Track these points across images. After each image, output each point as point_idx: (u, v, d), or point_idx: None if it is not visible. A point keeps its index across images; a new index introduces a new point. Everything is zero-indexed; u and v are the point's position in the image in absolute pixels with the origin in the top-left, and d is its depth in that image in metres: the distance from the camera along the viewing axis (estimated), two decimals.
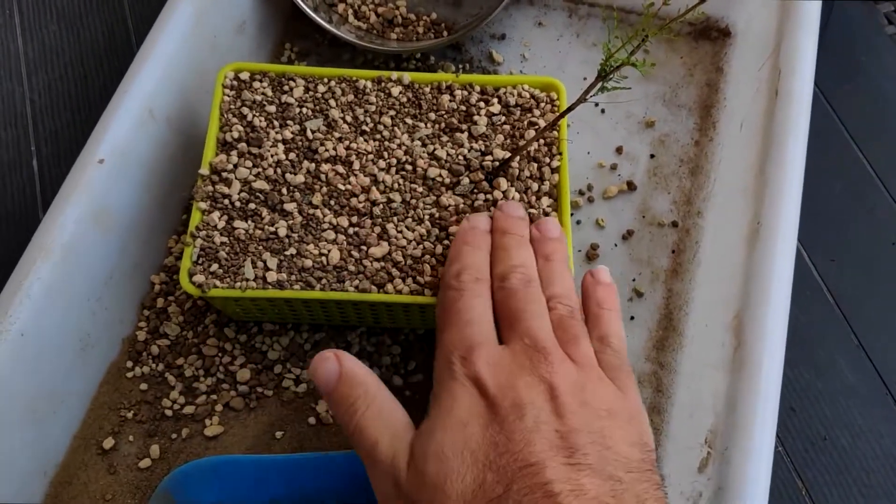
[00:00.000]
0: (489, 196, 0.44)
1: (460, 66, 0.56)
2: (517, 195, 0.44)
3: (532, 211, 0.44)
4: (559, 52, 0.56)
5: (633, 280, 0.49)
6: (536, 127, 0.46)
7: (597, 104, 0.54)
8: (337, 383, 0.35)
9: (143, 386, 0.46)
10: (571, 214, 0.51)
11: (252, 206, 0.43)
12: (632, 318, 0.48)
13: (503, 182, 0.44)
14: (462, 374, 0.34)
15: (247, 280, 0.41)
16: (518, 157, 0.45)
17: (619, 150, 0.53)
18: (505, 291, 0.37)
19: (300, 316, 0.45)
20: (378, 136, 0.46)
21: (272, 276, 0.41)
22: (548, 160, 0.45)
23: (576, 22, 0.57)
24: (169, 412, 0.45)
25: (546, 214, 0.44)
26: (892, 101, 0.58)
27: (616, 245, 0.50)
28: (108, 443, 0.44)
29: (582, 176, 0.52)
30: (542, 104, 0.47)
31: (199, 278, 0.41)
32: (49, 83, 0.56)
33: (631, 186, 0.52)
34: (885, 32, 0.60)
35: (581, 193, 0.52)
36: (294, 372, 0.46)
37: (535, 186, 0.45)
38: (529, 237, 0.41)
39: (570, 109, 0.43)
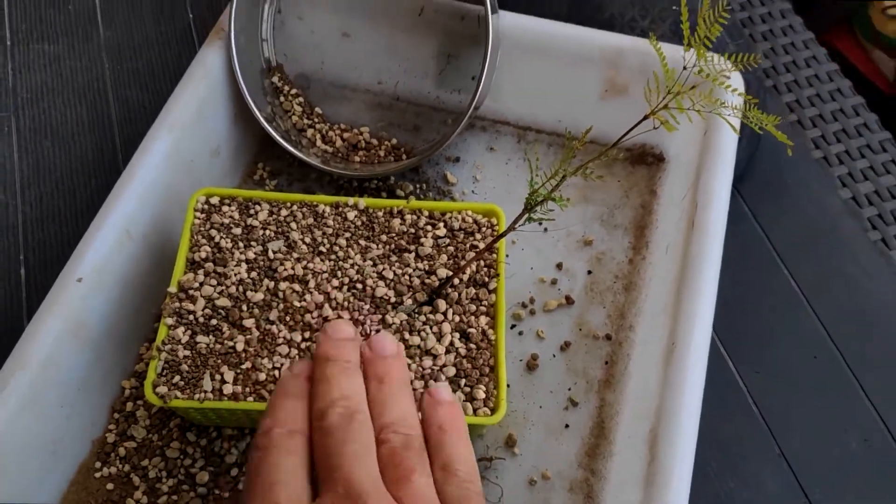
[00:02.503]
0: (431, 316, 0.49)
1: (417, 185, 0.61)
2: (457, 316, 0.49)
3: (471, 330, 0.48)
4: (507, 175, 0.61)
5: (569, 389, 0.53)
6: (477, 249, 0.51)
7: (540, 223, 0.59)
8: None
9: (110, 486, 0.49)
10: (514, 326, 0.56)
11: (214, 321, 0.48)
12: (566, 426, 0.52)
13: (442, 303, 0.49)
14: None
15: (205, 392, 0.45)
16: (457, 278, 0.49)
17: (559, 266, 0.58)
18: (321, 433, 0.33)
19: (256, 424, 0.49)
20: (333, 257, 0.51)
21: (228, 389, 0.46)
22: (486, 280, 0.50)
23: (524, 146, 0.63)
24: None
25: (484, 333, 0.48)
26: (818, 222, 0.62)
27: (554, 355, 0.54)
28: None
29: (525, 290, 0.57)
30: (484, 228, 0.52)
31: (162, 389, 0.45)
32: (40, 196, 0.61)
33: (569, 300, 0.56)
34: (812, 157, 0.66)
35: (524, 306, 0.56)
36: None
37: (472, 307, 0.49)
38: (360, 359, 0.37)
39: (500, 237, 0.48)
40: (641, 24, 0.71)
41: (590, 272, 0.58)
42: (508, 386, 0.53)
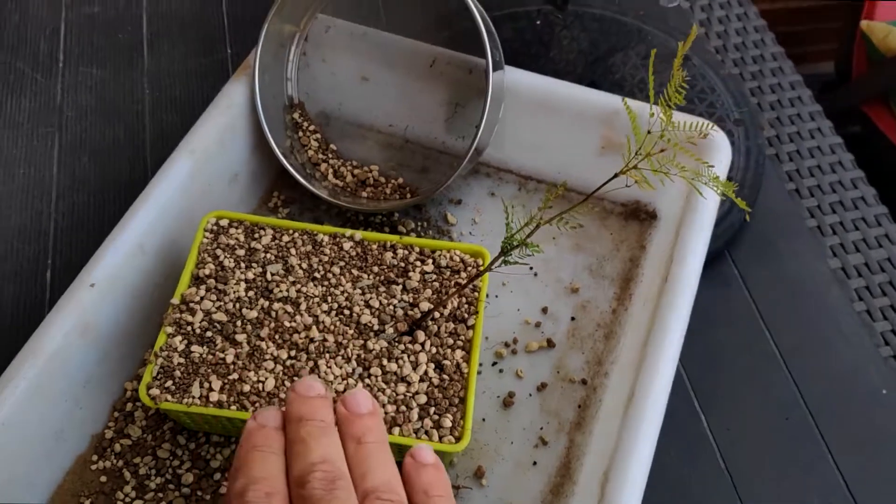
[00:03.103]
0: (409, 345, 0.52)
1: (419, 223, 0.65)
2: (434, 348, 0.52)
3: (446, 362, 0.51)
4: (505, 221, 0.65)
5: (541, 428, 0.56)
6: (459, 287, 0.54)
7: (531, 268, 0.62)
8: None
9: (103, 478, 0.53)
10: (495, 363, 0.58)
11: (209, 333, 0.52)
12: (535, 463, 0.54)
13: (421, 334, 0.52)
14: None
15: (193, 397, 0.49)
16: (438, 312, 0.53)
17: (544, 310, 0.61)
18: (302, 500, 0.32)
19: (240, 432, 0.53)
20: (326, 283, 0.54)
21: (214, 396, 0.49)
22: (466, 316, 0.53)
23: (523, 195, 0.66)
24: None
25: (458, 366, 0.51)
26: (805, 289, 0.64)
27: (531, 395, 0.57)
28: None
29: (510, 330, 0.60)
30: (469, 268, 0.55)
31: (155, 392, 0.49)
32: (72, 207, 0.66)
33: (550, 343, 0.59)
34: (806, 225, 0.67)
35: (506, 345, 0.59)
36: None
37: (450, 341, 0.52)
38: (335, 418, 0.36)
39: (477, 276, 0.51)
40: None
41: (573, 318, 0.60)
42: (483, 420, 0.56)
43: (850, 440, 0.57)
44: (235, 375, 0.50)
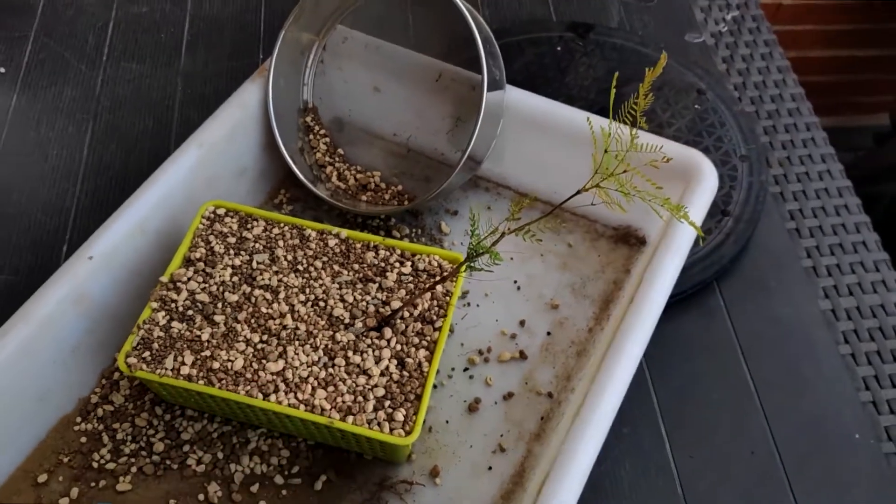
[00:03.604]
0: (376, 340, 0.54)
1: (414, 229, 0.67)
2: (399, 345, 0.54)
3: (408, 360, 0.53)
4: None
5: (502, 436, 0.57)
6: (434, 291, 0.56)
7: (515, 281, 0.64)
8: None
9: (83, 439, 0.57)
10: (466, 369, 0.60)
11: (190, 312, 0.55)
12: (490, 468, 0.55)
13: (388, 331, 0.54)
14: None
15: (165, 369, 0.52)
16: (407, 312, 0.55)
17: (522, 323, 0.62)
18: None
19: (212, 408, 0.56)
20: (307, 275, 0.57)
21: (185, 370, 0.52)
22: (434, 319, 0.55)
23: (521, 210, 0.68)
24: (95, 464, 0.55)
25: (419, 365, 0.53)
26: (790, 327, 0.64)
27: (496, 402, 0.58)
28: (42, 478, 0.55)
29: (485, 339, 0.61)
30: (446, 273, 0.57)
31: (132, 360, 0.53)
32: (95, 189, 0.70)
33: (523, 355, 0.60)
34: (801, 265, 0.67)
35: (480, 353, 0.61)
36: (198, 454, 0.56)
37: (416, 340, 0.54)
38: None
39: (443, 279, 0.53)
40: (661, 116, 0.75)
41: (549, 333, 0.61)
42: (447, 422, 0.57)
43: (815, 482, 0.57)
44: (208, 353, 0.53)
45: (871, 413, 0.60)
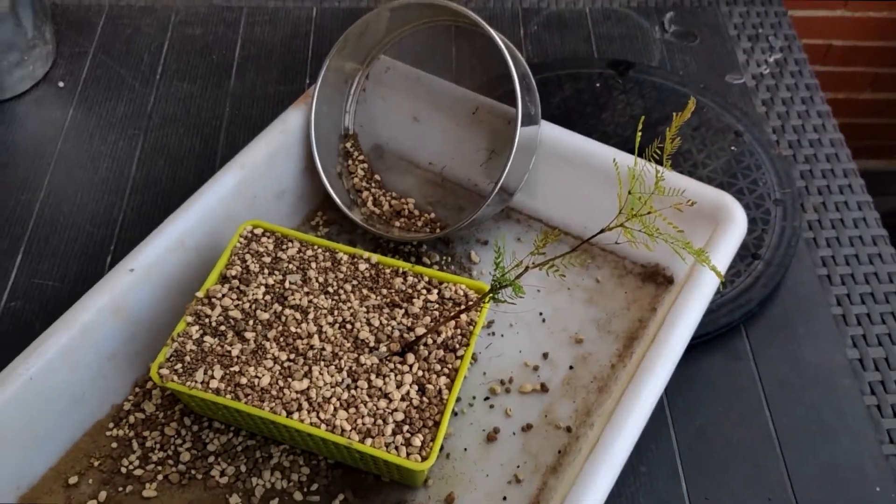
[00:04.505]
0: (399, 365, 0.55)
1: (444, 257, 0.68)
2: (421, 371, 0.55)
3: (429, 386, 0.54)
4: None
5: (518, 467, 0.57)
6: (457, 318, 0.57)
7: (540, 313, 0.65)
8: None
9: (114, 445, 0.59)
10: (487, 398, 0.61)
11: (223, 328, 0.57)
12: (504, 498, 0.56)
13: (411, 357, 0.55)
14: None
15: (195, 381, 0.54)
16: (431, 339, 0.56)
17: (545, 356, 0.63)
18: None
19: (238, 422, 0.57)
20: (336, 297, 0.59)
21: (213, 384, 0.54)
22: (457, 347, 0.56)
23: (550, 246, 0.69)
24: (124, 470, 0.58)
25: (440, 392, 0.54)
26: (816, 375, 0.63)
27: (514, 433, 0.59)
28: (73, 480, 0.57)
29: (508, 369, 0.62)
30: (471, 303, 0.58)
31: (164, 371, 0.55)
32: (141, 204, 0.73)
33: (544, 388, 0.61)
34: (831, 312, 0.67)
35: (502, 383, 0.62)
36: (222, 465, 0.57)
37: (437, 367, 0.55)
38: None
39: (467, 308, 0.54)
40: (697, 157, 0.76)
41: (571, 367, 0.62)
42: (465, 450, 0.58)
43: None
44: (236, 368, 0.55)
45: (895, 466, 0.59)
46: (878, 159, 1.58)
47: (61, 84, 0.83)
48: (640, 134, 0.49)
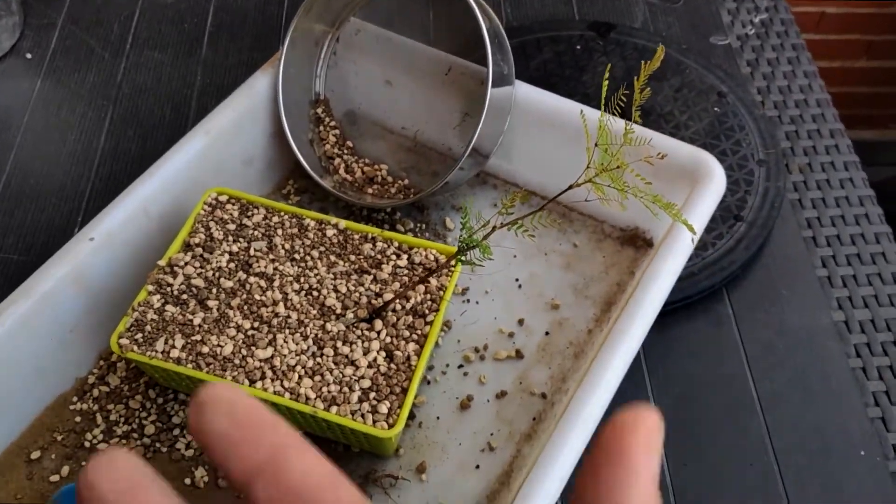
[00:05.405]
0: (365, 332, 0.54)
1: (419, 224, 0.66)
2: (389, 338, 0.53)
3: (397, 353, 0.53)
4: (502, 232, 0.66)
5: (492, 434, 0.56)
6: (427, 284, 0.55)
7: (517, 279, 0.63)
8: None
9: (78, 419, 0.57)
10: (460, 366, 0.59)
11: (185, 296, 0.55)
12: (477, 466, 0.55)
13: (379, 323, 0.54)
14: None
15: (156, 351, 0.53)
16: (399, 304, 0.54)
17: (520, 322, 0.61)
18: None
19: None
20: (303, 265, 0.57)
21: (174, 353, 0.52)
22: (426, 312, 0.54)
23: (525, 209, 0.67)
24: (87, 444, 0.56)
25: (408, 358, 0.53)
26: (799, 338, 0.62)
27: (489, 401, 0.58)
28: (35, 455, 0.56)
29: (482, 336, 0.61)
30: (441, 268, 0.57)
31: (124, 342, 0.53)
32: (110, 174, 0.72)
33: (519, 354, 0.59)
34: (815, 274, 0.65)
35: (476, 350, 0.60)
36: (187, 438, 0.56)
37: (406, 333, 0.54)
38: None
39: (434, 272, 0.53)
40: (679, 118, 0.74)
41: (547, 333, 0.60)
42: (438, 418, 0.57)
43: (814, 497, 0.55)
44: (198, 337, 0.53)
45: (880, 429, 0.57)
46: (872, 129, 1.55)
47: (29, 56, 0.81)
48: (606, 82, 0.47)
